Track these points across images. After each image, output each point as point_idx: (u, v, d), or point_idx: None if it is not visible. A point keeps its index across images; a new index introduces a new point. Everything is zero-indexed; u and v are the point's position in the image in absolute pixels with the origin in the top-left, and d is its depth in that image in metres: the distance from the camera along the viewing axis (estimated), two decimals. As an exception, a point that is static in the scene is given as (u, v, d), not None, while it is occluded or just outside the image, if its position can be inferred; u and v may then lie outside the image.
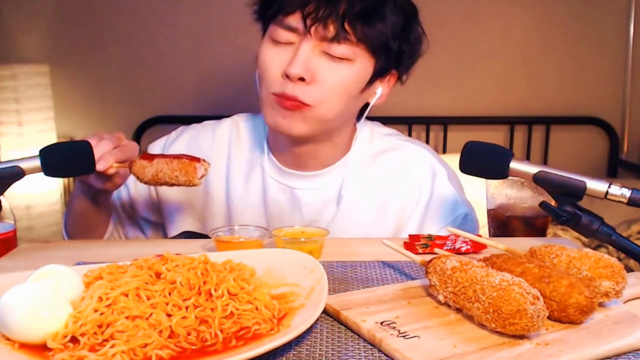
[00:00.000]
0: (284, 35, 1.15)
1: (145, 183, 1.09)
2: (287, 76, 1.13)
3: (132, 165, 1.08)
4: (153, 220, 1.38)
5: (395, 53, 1.18)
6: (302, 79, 1.13)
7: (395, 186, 1.28)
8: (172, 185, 1.08)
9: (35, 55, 2.84)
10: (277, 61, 1.16)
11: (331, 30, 1.11)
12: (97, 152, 1.04)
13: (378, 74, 1.19)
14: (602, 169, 3.03)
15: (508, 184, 1.23)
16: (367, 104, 1.26)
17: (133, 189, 1.35)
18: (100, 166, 1.06)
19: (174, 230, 1.34)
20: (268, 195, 1.29)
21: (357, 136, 1.30)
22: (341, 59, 1.14)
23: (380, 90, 1.24)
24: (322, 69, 1.14)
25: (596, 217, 0.97)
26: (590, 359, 0.68)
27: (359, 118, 1.30)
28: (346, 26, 1.11)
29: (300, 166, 1.28)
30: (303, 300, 0.78)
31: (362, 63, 1.16)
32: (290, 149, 1.26)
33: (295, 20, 1.13)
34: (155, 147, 1.39)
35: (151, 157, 1.08)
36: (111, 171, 1.08)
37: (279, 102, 1.16)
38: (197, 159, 1.08)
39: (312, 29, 1.11)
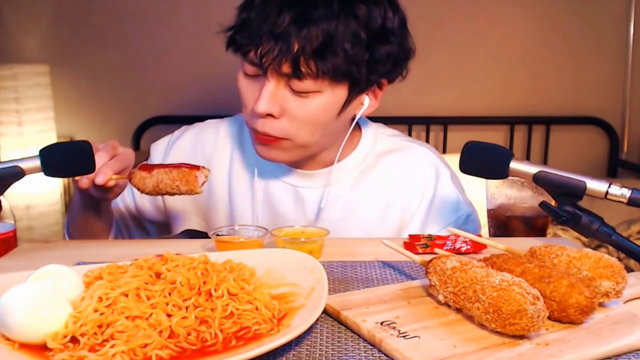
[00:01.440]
0: (250, 69, 1.14)
1: (147, 194, 1.08)
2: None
3: (131, 177, 1.08)
4: (159, 221, 1.39)
5: (365, 75, 1.13)
6: (271, 115, 1.13)
7: (399, 186, 1.28)
8: (173, 194, 1.08)
9: (35, 55, 2.84)
10: (250, 94, 1.15)
11: (287, 69, 1.08)
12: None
13: (355, 94, 1.16)
14: (602, 169, 3.03)
15: (508, 184, 1.23)
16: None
17: (138, 193, 1.35)
18: (99, 179, 1.05)
19: (178, 229, 1.35)
20: (271, 193, 1.29)
21: (362, 137, 1.31)
22: (307, 92, 1.11)
23: (367, 100, 1.20)
24: (290, 103, 1.12)
25: (596, 217, 0.97)
26: (590, 359, 0.68)
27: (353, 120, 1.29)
28: (301, 64, 1.07)
29: (304, 166, 1.28)
30: (303, 300, 0.78)
31: (331, 92, 1.12)
32: None
33: (255, 57, 1.11)
34: (158, 146, 1.39)
35: (150, 168, 1.08)
36: (110, 183, 1.08)
37: (255, 136, 1.18)
38: (197, 167, 1.08)
39: (269, 68, 1.09)
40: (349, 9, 1.08)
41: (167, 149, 1.37)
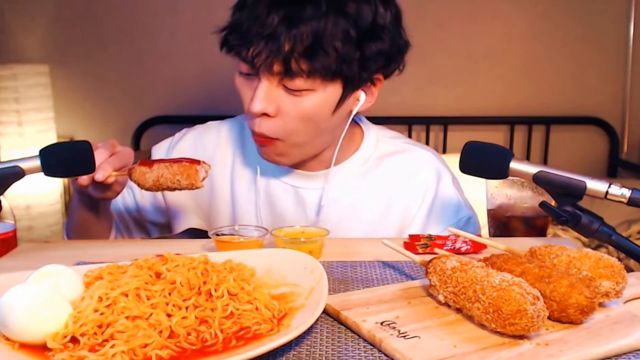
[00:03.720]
0: (245, 68, 1.14)
1: (147, 189, 1.08)
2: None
3: (132, 173, 1.08)
4: (160, 222, 1.39)
5: (357, 72, 1.12)
6: (266, 114, 1.13)
7: (400, 188, 1.28)
8: (174, 189, 1.08)
9: (35, 55, 2.84)
10: (247, 94, 1.16)
11: (279, 68, 1.09)
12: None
13: (349, 91, 1.15)
14: (602, 169, 3.02)
15: (508, 184, 1.23)
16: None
17: (138, 194, 1.35)
18: (99, 176, 1.05)
19: (180, 230, 1.35)
20: (272, 194, 1.29)
21: (365, 139, 1.31)
22: (300, 90, 1.11)
23: (363, 96, 1.19)
24: (284, 102, 1.12)
25: (596, 217, 0.97)
26: (590, 359, 0.68)
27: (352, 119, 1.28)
28: (292, 64, 1.07)
29: (305, 166, 1.28)
30: (303, 300, 0.78)
31: (324, 90, 1.12)
32: None
33: (247, 57, 1.11)
34: (159, 149, 1.39)
35: (150, 163, 1.07)
36: (110, 180, 1.08)
37: (254, 138, 1.19)
38: (198, 161, 1.08)
39: (261, 69, 1.10)
40: (339, 8, 1.08)
41: (168, 151, 1.37)
